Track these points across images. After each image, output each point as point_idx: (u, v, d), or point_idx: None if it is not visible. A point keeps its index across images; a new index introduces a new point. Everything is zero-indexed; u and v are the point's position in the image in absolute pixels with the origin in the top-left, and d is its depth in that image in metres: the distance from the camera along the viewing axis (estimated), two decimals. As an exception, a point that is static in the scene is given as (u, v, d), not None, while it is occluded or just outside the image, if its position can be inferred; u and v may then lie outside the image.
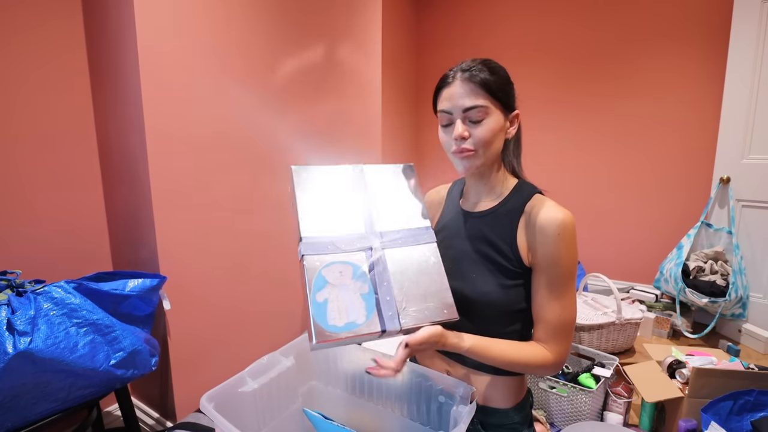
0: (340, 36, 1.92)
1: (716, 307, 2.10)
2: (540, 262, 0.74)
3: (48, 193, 1.36)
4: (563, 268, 0.73)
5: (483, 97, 0.74)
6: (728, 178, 2.20)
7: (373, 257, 0.72)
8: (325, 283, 0.66)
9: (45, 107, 1.33)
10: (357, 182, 0.84)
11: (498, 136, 0.77)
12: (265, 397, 0.85)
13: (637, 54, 2.56)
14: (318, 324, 0.63)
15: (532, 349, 0.75)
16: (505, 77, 0.78)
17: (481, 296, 0.77)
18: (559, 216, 0.73)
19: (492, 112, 0.75)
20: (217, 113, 1.45)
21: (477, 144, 0.75)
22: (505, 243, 0.77)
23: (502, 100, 0.76)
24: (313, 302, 0.64)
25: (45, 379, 0.98)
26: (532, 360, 0.74)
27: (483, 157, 0.77)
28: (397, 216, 0.79)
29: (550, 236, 0.72)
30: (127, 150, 1.35)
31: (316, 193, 0.80)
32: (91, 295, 1.10)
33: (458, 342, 0.72)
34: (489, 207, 0.82)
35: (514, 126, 0.80)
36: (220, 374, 1.52)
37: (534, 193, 0.80)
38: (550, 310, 0.74)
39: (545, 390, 1.57)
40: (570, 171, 2.88)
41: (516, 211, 0.79)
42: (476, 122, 0.75)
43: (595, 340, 1.92)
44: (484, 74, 0.74)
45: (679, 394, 1.43)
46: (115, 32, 1.28)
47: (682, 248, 2.28)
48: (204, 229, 1.45)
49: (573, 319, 0.75)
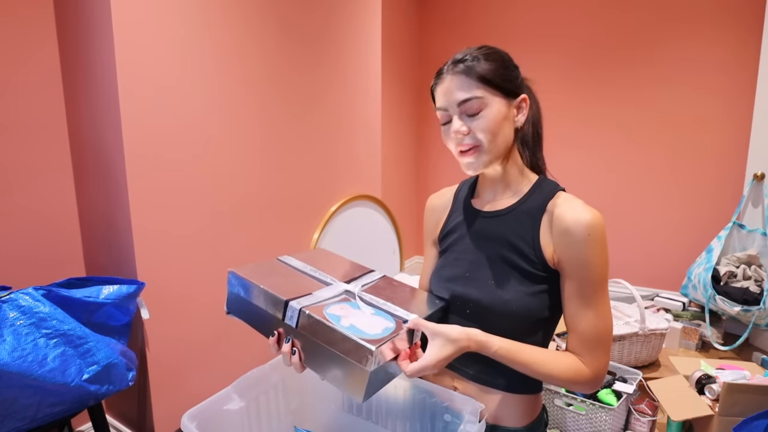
0: (338, 29, 1.92)
1: (749, 316, 2.10)
2: (569, 267, 0.73)
3: (13, 191, 1.36)
4: (595, 273, 0.72)
5: (477, 88, 0.74)
6: (763, 174, 2.20)
7: (357, 296, 0.79)
8: (338, 317, 0.71)
9: (11, 98, 1.33)
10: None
11: (502, 126, 0.75)
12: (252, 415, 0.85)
13: (659, 38, 2.56)
14: (361, 338, 0.65)
15: (567, 360, 0.74)
16: (502, 60, 0.77)
17: (501, 304, 0.77)
18: (588, 216, 0.72)
19: (490, 102, 0.74)
20: (200, 108, 1.45)
21: (478, 138, 0.75)
22: (528, 245, 0.76)
23: (501, 87, 0.75)
24: (343, 329, 0.67)
25: (11, 396, 0.98)
26: (567, 372, 0.73)
27: (489, 152, 0.76)
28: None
29: (579, 238, 0.72)
30: (101, 144, 1.35)
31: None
32: (61, 303, 1.10)
33: (487, 340, 0.71)
34: (507, 205, 0.81)
35: (523, 112, 0.79)
36: (204, 390, 1.53)
37: (557, 191, 0.79)
38: (585, 320, 0.73)
39: (561, 407, 1.57)
40: (588, 167, 2.89)
41: (538, 209, 0.78)
42: (473, 115, 0.74)
43: (616, 353, 1.92)
44: (476, 62, 0.74)
45: (709, 412, 1.43)
46: (89, 19, 1.28)
47: (711, 251, 2.27)
48: (186, 231, 1.45)
49: (610, 330, 0.75)
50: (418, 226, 3.61)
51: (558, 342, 1.87)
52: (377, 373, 0.67)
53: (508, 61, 0.78)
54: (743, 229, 2.29)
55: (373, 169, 2.28)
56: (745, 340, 2.24)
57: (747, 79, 2.34)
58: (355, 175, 2.16)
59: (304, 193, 1.88)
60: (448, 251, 0.90)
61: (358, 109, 2.13)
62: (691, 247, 2.57)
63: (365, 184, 2.23)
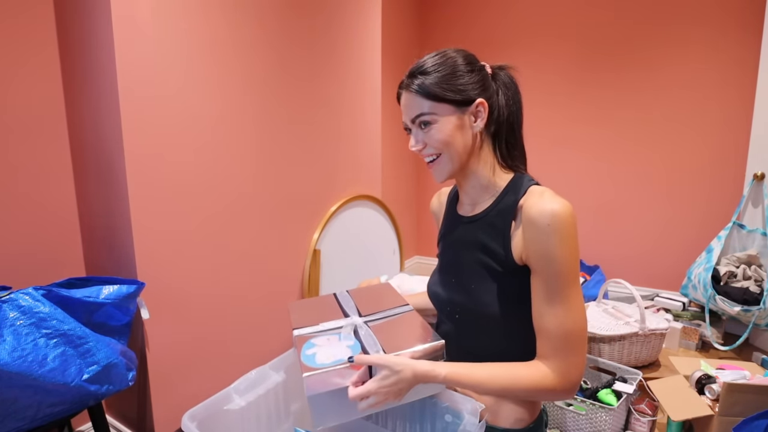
0: (337, 28, 1.92)
1: (749, 316, 2.10)
2: (534, 262, 0.71)
3: (13, 190, 1.36)
4: (559, 265, 0.68)
5: (427, 103, 0.76)
6: (763, 174, 2.20)
7: (357, 327, 0.84)
8: (313, 345, 0.78)
9: (11, 98, 1.33)
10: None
11: (455, 136, 0.77)
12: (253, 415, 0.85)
13: (660, 41, 2.57)
14: (306, 365, 0.72)
15: (528, 369, 0.71)
16: (452, 69, 0.77)
17: (482, 307, 0.77)
18: (552, 206, 0.69)
19: (440, 114, 0.76)
20: (201, 109, 1.45)
21: (433, 150, 0.78)
22: (500, 246, 0.76)
23: (451, 99, 0.76)
24: (303, 356, 0.75)
25: (11, 396, 0.98)
26: (532, 383, 0.70)
27: (450, 162, 0.79)
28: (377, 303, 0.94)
29: (540, 229, 0.69)
30: (102, 145, 1.35)
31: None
32: (61, 303, 1.09)
33: (430, 369, 0.69)
34: (484, 209, 0.81)
35: (481, 117, 0.78)
36: (204, 390, 1.53)
37: (530, 186, 0.77)
38: (552, 318, 0.70)
39: (561, 407, 1.57)
40: (588, 168, 2.89)
41: (510, 208, 0.77)
42: (427, 129, 0.78)
43: (616, 353, 1.92)
44: (425, 77, 0.77)
45: (709, 412, 1.43)
46: (90, 21, 1.28)
47: (711, 251, 2.27)
48: (186, 231, 1.45)
49: (580, 329, 0.71)
50: (418, 226, 3.62)
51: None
52: (324, 401, 0.71)
53: (460, 67, 0.77)
54: (743, 229, 2.29)
55: (373, 170, 2.28)
56: (745, 340, 2.24)
57: (747, 80, 2.34)
58: (355, 175, 2.16)
59: (304, 194, 1.88)
60: (440, 256, 0.92)
61: (359, 111, 2.13)
62: (691, 247, 2.57)
63: (365, 184, 2.23)
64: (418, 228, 3.62)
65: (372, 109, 2.21)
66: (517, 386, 0.71)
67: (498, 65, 0.83)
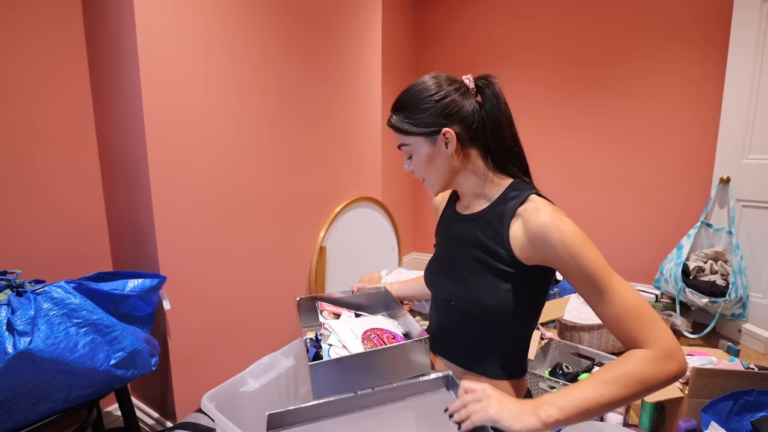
0: (338, 36, 1.92)
1: (716, 307, 2.10)
2: (565, 273, 0.69)
3: (48, 192, 1.36)
4: (589, 262, 0.66)
5: (400, 138, 0.80)
6: (728, 178, 2.20)
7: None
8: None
9: (45, 107, 1.33)
10: None
11: (431, 161, 0.78)
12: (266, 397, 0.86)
13: (636, 54, 2.57)
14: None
15: (631, 356, 0.64)
16: (416, 104, 0.76)
17: (477, 300, 0.77)
18: (556, 221, 0.68)
19: (414, 144, 0.79)
20: (218, 119, 1.45)
21: (418, 174, 0.82)
22: (498, 245, 0.75)
23: (419, 133, 0.77)
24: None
25: (45, 379, 0.99)
26: (641, 364, 0.62)
27: (435, 183, 0.81)
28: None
29: (554, 242, 0.67)
30: (127, 149, 1.35)
31: None
32: (91, 295, 1.10)
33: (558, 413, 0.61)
34: (479, 210, 0.81)
35: (451, 143, 0.76)
36: (220, 374, 1.53)
37: (529, 195, 0.75)
38: (614, 301, 0.66)
39: (545, 390, 1.57)
40: (569, 170, 2.89)
41: (508, 213, 0.75)
42: (408, 156, 0.82)
43: (594, 340, 1.92)
44: (396, 115, 0.79)
45: (679, 394, 1.44)
46: (116, 30, 1.28)
47: (682, 248, 2.28)
48: (204, 230, 1.45)
49: (641, 301, 0.66)
50: (415, 224, 3.61)
51: (542, 330, 1.87)
52: (323, 370, 0.72)
53: (427, 100, 0.75)
54: (710, 227, 2.29)
55: (374, 173, 2.28)
56: (712, 329, 2.25)
57: (714, 90, 2.34)
58: (357, 178, 2.16)
59: (312, 195, 1.88)
60: (438, 247, 0.92)
61: (360, 119, 2.13)
62: (663, 244, 2.58)
63: (367, 186, 2.24)
64: (415, 226, 3.62)
65: (373, 118, 2.21)
66: (638, 374, 0.62)
67: (482, 76, 0.79)
